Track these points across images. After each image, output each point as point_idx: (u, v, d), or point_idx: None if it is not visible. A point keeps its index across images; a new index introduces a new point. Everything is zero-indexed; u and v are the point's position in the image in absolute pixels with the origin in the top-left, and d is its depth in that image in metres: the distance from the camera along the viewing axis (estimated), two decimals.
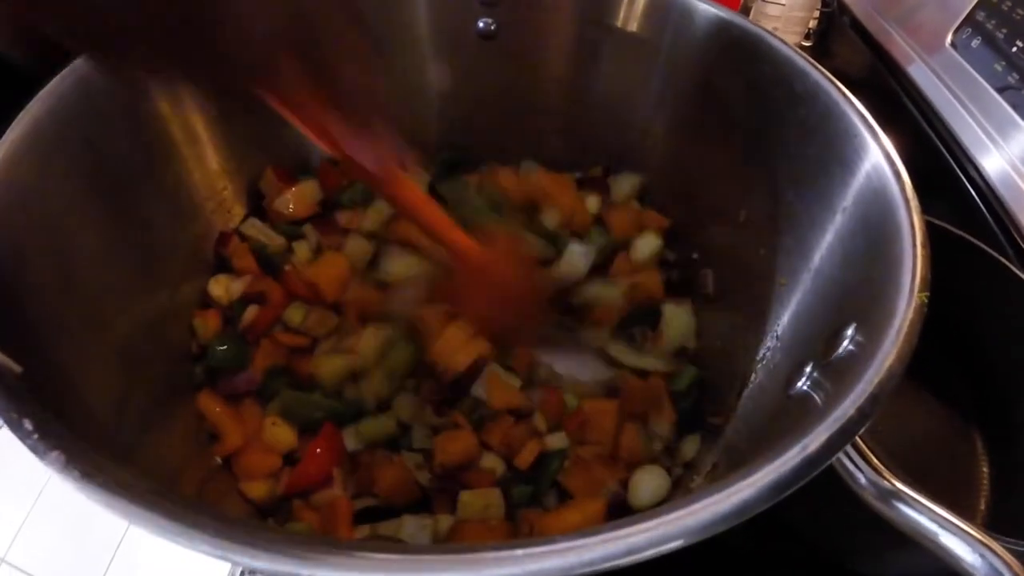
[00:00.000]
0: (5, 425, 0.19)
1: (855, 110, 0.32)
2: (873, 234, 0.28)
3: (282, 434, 0.37)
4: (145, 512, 0.16)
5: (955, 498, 0.40)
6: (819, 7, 0.74)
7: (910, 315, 0.23)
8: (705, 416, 0.38)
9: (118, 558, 1.15)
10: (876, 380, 0.21)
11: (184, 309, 0.41)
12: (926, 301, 0.24)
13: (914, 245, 0.25)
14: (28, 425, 0.18)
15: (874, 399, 0.21)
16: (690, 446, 0.38)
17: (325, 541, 0.17)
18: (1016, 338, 0.45)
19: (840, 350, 0.26)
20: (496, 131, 0.48)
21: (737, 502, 0.18)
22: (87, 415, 0.25)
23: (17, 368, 0.21)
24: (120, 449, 0.26)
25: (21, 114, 0.30)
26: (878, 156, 0.29)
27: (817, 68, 0.34)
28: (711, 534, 0.18)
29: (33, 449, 0.18)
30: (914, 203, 0.27)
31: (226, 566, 0.39)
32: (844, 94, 0.33)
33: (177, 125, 0.40)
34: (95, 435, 0.22)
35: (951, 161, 0.59)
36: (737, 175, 0.40)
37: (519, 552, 0.17)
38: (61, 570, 1.15)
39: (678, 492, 0.33)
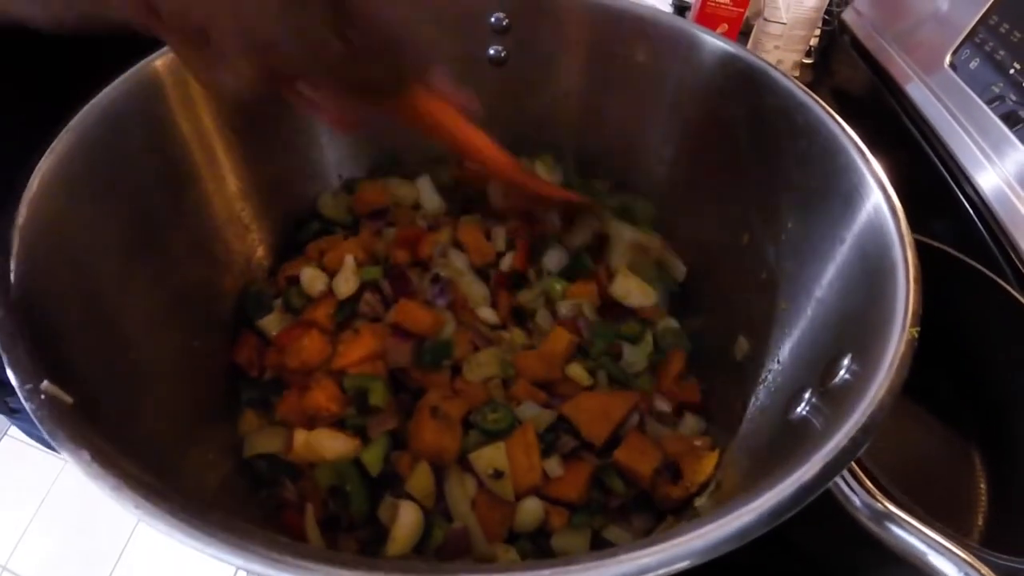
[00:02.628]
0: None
1: (854, 145, 0.33)
2: (870, 267, 0.29)
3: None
4: (205, 538, 0.18)
5: (953, 515, 0.41)
6: (820, 26, 0.76)
7: (902, 349, 0.25)
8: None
9: (120, 566, 1.17)
10: (868, 412, 0.23)
11: (210, 328, 0.42)
12: (917, 336, 0.25)
13: (907, 281, 0.27)
14: (87, 455, 0.20)
15: (866, 429, 0.23)
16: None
17: (357, 561, 0.18)
18: (1013, 357, 0.46)
19: (837, 379, 0.27)
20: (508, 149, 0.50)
21: (739, 526, 0.20)
22: (125, 436, 0.27)
23: (69, 399, 0.23)
24: (160, 466, 0.28)
25: (51, 147, 0.32)
26: (875, 192, 0.31)
27: (818, 102, 0.36)
28: (715, 555, 0.20)
29: (91, 476, 0.19)
30: (908, 239, 0.28)
31: (229, 572, 0.40)
32: (844, 129, 0.34)
33: (198, 149, 0.42)
34: (139, 456, 0.23)
35: (949, 180, 0.61)
36: (740, 201, 0.41)
37: (531, 573, 0.18)
38: None
39: (685, 511, 0.34)
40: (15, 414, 0.55)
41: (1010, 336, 0.46)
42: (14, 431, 1.33)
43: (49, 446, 0.64)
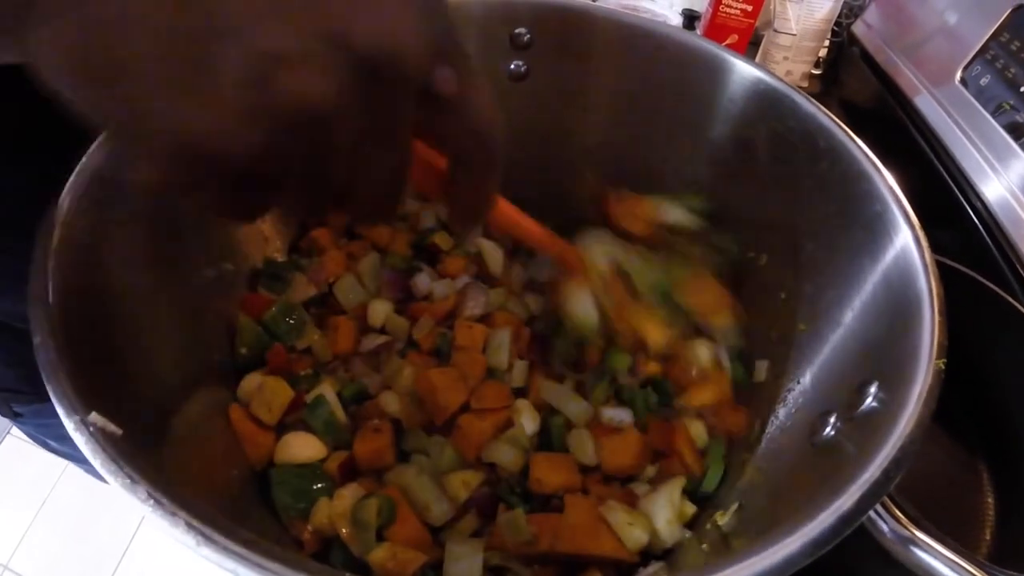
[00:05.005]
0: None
1: (877, 170, 0.34)
2: (894, 296, 0.30)
3: None
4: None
5: (961, 530, 0.42)
6: (829, 37, 0.76)
7: (929, 380, 0.26)
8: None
9: (122, 567, 1.17)
10: (899, 445, 0.24)
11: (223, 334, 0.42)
12: (943, 368, 0.26)
13: (933, 312, 0.27)
14: (143, 492, 0.20)
15: (899, 462, 0.23)
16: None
17: None
18: (1020, 370, 0.47)
19: (864, 406, 0.28)
20: (527, 166, 0.50)
21: (785, 556, 0.21)
22: (165, 463, 0.27)
23: (118, 430, 0.23)
24: (198, 487, 0.28)
25: (80, 166, 0.32)
26: (900, 220, 0.31)
27: (841, 127, 0.36)
28: None
29: (152, 511, 0.20)
30: (934, 269, 0.29)
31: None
32: (867, 154, 0.35)
33: None
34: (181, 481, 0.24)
35: (956, 192, 0.62)
36: (760, 221, 0.42)
37: None
38: None
39: (706, 529, 0.35)
40: (18, 418, 0.55)
41: (1016, 350, 0.47)
42: (17, 431, 1.32)
43: (55, 451, 0.64)
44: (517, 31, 0.45)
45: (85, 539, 1.19)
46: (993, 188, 0.58)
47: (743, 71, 0.40)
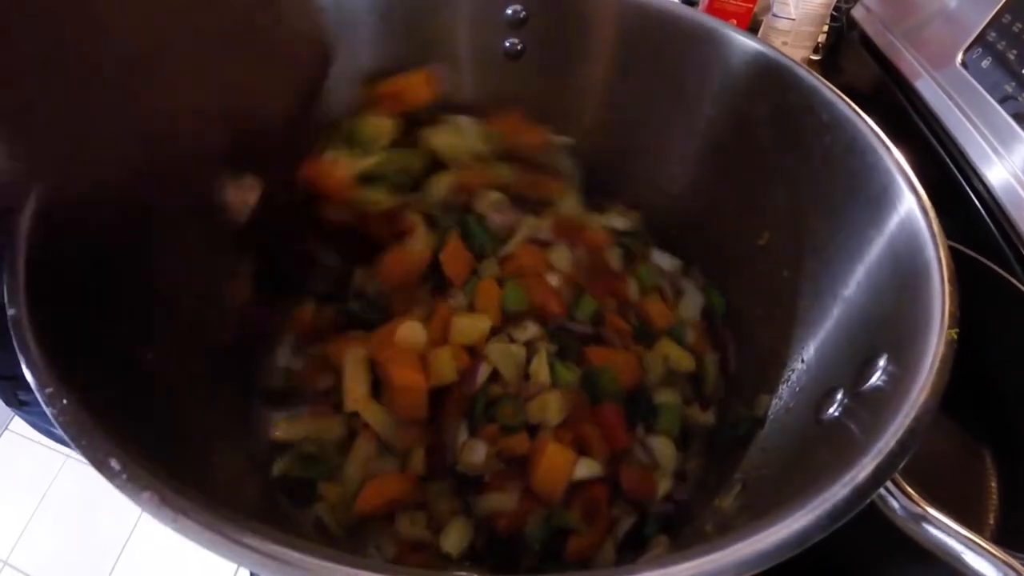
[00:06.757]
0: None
1: (881, 143, 0.33)
2: (902, 267, 0.29)
3: None
4: (245, 551, 0.17)
5: (964, 513, 0.41)
6: (828, 22, 0.76)
7: (941, 350, 0.25)
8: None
9: (123, 560, 1.16)
10: (913, 414, 0.23)
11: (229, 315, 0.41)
12: (955, 337, 0.25)
13: (943, 282, 0.27)
14: (115, 465, 0.19)
15: (912, 433, 0.22)
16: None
17: None
18: (1023, 353, 0.46)
19: (872, 380, 0.27)
20: None
21: (796, 530, 0.20)
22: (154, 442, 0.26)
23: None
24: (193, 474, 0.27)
25: None
26: (906, 191, 0.30)
27: (844, 99, 0.35)
28: (774, 562, 0.19)
29: (122, 489, 0.19)
30: (941, 239, 0.28)
31: (230, 569, 0.39)
32: (871, 127, 0.34)
33: None
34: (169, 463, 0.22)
35: (958, 176, 0.61)
36: (760, 197, 0.41)
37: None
38: (64, 574, 1.15)
39: (707, 513, 0.34)
40: (24, 406, 0.55)
41: (1019, 332, 0.46)
42: (15, 426, 1.31)
43: (58, 439, 0.63)
44: (512, 8, 0.44)
45: (85, 533, 1.18)
46: (996, 172, 0.58)
47: (743, 46, 0.39)
